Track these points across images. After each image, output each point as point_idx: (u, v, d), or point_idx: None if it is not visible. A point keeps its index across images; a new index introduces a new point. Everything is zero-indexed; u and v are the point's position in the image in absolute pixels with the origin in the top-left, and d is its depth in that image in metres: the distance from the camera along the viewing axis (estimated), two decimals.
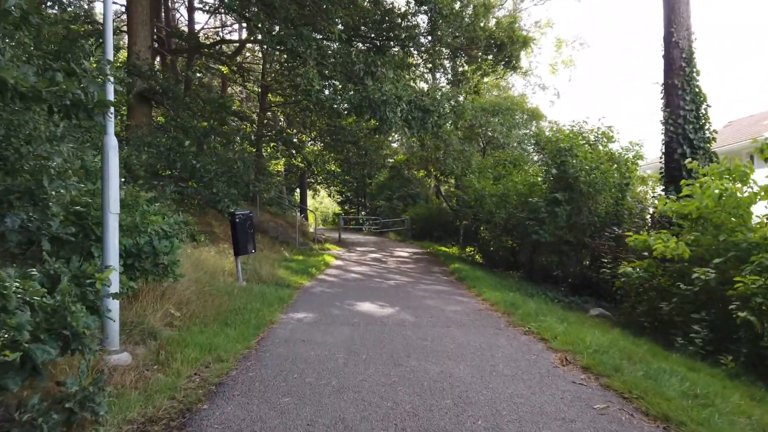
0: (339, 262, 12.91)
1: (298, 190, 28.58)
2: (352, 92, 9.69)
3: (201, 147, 9.96)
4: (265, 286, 8.15)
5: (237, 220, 8.29)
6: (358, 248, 17.68)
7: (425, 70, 14.28)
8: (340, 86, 10.29)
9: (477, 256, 16.48)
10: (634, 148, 9.86)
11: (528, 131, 17.08)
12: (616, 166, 9.46)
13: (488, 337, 5.26)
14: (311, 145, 21.51)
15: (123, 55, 13.33)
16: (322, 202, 55.02)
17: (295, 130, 18.69)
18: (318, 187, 41.88)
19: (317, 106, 13.40)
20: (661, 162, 9.02)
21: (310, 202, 62.38)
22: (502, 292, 8.23)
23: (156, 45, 15.06)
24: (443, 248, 18.32)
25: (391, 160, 28.60)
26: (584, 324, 6.13)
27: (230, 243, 10.78)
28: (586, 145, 9.87)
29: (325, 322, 5.85)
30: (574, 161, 8.89)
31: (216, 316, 5.65)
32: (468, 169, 14.76)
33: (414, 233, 23.23)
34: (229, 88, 23.45)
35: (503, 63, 12.58)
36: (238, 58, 19.20)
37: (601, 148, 9.84)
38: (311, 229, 20.10)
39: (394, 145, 27.48)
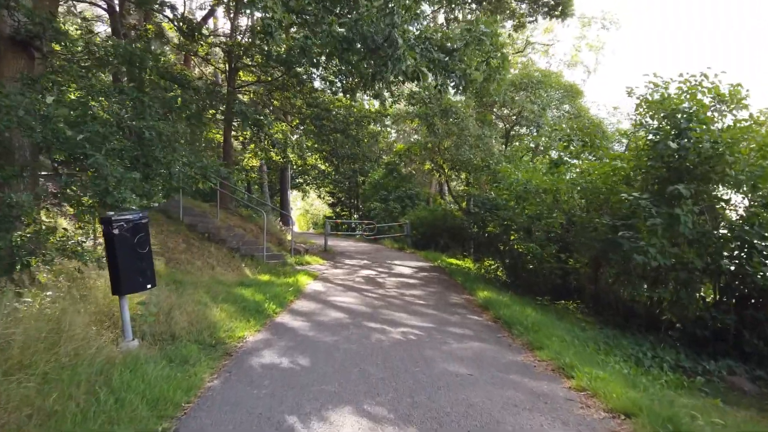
0: (317, 286, 9.16)
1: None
2: (334, 25, 5.95)
3: (88, 113, 6.21)
4: (169, 352, 4.41)
5: (115, 231, 4.52)
6: (347, 261, 13.94)
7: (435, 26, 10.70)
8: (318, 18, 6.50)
9: (499, 272, 12.81)
10: None
11: (563, 112, 13.43)
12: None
13: None
14: (298, 128, 17.79)
15: None
16: (313, 204, 51.59)
17: (268, 110, 14.92)
18: (307, 188, 38.38)
19: (285, 65, 9.71)
20: None
21: (300, 204, 58.90)
22: (600, 363, 4.53)
23: None
24: (453, 261, 14.63)
25: (385, 158, 24.84)
26: None
27: (171, 257, 7.45)
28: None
29: None
30: (709, 134, 5.23)
31: None
32: (490, 158, 11.10)
33: (415, 240, 19.53)
34: (197, 70, 19.83)
35: (546, 9, 8.96)
36: (205, 31, 15.42)
37: (727, 115, 6.17)
38: (290, 237, 16.32)
39: (392, 137, 23.81)
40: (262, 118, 10.98)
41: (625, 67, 54.79)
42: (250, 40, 14.26)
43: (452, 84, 6.45)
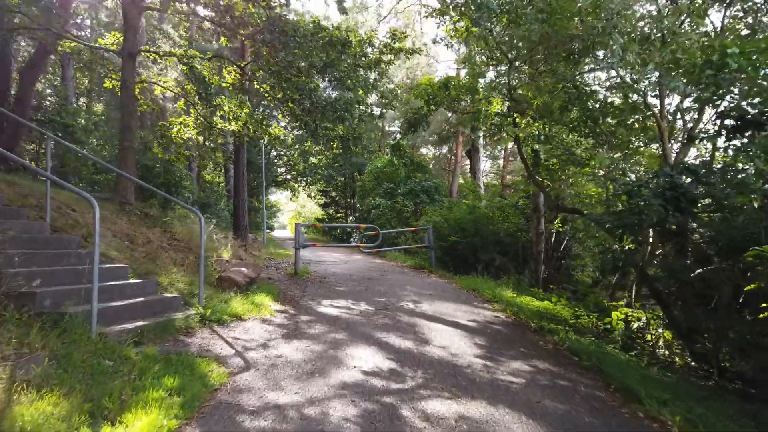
0: None
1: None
2: None
3: None
4: None
5: None
6: (326, 306, 6.68)
7: None
8: None
9: (662, 336, 5.71)
10: None
11: None
12: None
13: None
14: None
15: None
16: (305, 205, 45.94)
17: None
18: (295, 185, 31.96)
19: None
20: None
21: (292, 206, 51.71)
22: None
23: None
24: (536, 303, 7.51)
25: (392, 137, 17.71)
26: None
27: None
28: None
29: None
30: None
31: None
32: (710, 65, 3.94)
33: (440, 255, 12.34)
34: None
35: None
36: None
37: None
38: (225, 254, 9.17)
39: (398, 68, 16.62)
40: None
41: None
42: None
43: None
